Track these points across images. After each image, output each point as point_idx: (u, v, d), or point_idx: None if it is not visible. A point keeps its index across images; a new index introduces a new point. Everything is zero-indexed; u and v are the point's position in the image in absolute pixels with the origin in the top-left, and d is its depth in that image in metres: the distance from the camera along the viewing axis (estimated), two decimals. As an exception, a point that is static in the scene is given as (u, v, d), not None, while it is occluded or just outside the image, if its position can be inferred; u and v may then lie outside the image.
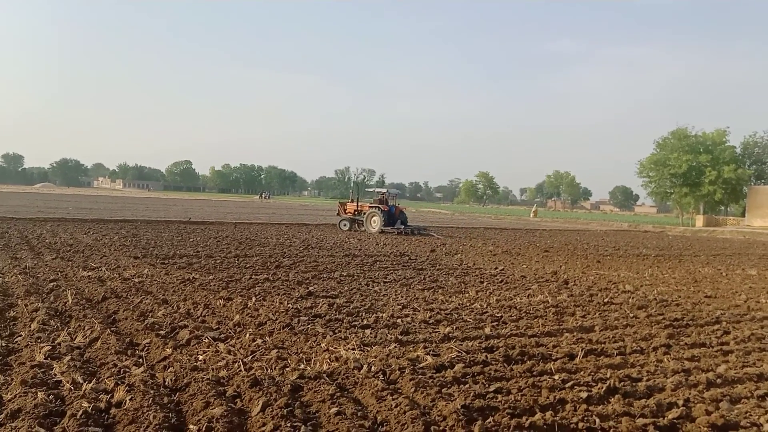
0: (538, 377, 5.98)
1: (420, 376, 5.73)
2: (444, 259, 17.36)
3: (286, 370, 5.85)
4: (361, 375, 5.72)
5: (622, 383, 5.80)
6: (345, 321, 8.21)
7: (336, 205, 32.75)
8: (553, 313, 9.44)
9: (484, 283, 12.64)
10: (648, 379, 6.05)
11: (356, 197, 31.39)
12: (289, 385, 5.35)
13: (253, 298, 9.50)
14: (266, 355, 6.34)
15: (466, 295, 10.88)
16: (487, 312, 9.31)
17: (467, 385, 5.61)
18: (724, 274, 16.58)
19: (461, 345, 7.09)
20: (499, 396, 5.37)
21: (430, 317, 8.68)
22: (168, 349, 6.42)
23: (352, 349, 6.63)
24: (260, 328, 7.56)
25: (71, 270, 11.82)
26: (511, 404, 5.14)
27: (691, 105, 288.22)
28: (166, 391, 5.19)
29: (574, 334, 8.04)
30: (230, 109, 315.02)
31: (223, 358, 6.15)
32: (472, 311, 9.35)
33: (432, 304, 9.90)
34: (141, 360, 6.08)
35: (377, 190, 32.28)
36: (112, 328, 7.32)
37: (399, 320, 8.38)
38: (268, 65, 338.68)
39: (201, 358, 6.21)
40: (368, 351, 6.66)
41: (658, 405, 5.27)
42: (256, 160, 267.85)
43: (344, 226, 29.19)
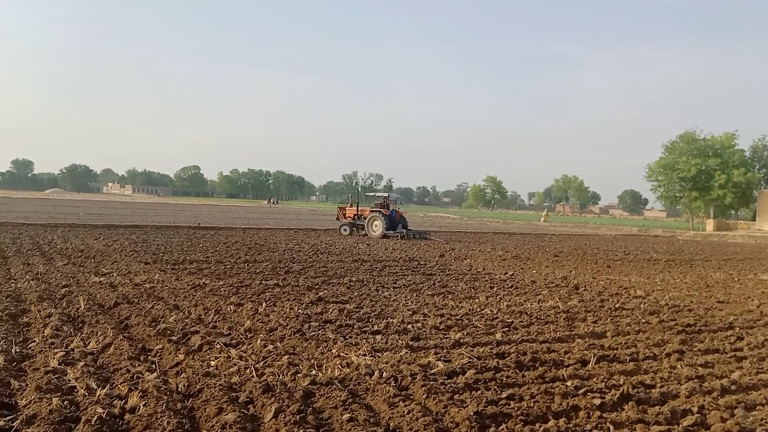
0: (551, 384, 5.95)
1: (432, 383, 5.72)
2: (453, 265, 17.33)
3: (298, 376, 5.86)
4: (373, 381, 5.71)
5: (636, 390, 5.76)
6: (355, 327, 8.21)
7: (336, 210, 32.76)
8: (564, 319, 9.40)
9: (494, 289, 12.61)
10: (662, 386, 6.01)
11: (356, 201, 31.45)
12: (301, 391, 5.36)
13: (264, 304, 9.52)
14: (278, 361, 6.34)
15: (477, 301, 10.85)
16: (497, 317, 9.29)
17: (479, 392, 5.60)
18: (736, 279, 16.47)
19: (472, 351, 7.08)
20: (512, 402, 5.35)
21: (440, 323, 8.66)
22: (180, 355, 6.44)
23: (363, 355, 6.62)
24: (271, 334, 7.57)
25: (83, 276, 11.88)
26: (524, 411, 5.12)
27: (699, 108, 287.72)
28: (179, 397, 5.21)
29: (586, 339, 8.00)
30: (238, 113, 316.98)
31: (235, 364, 6.16)
32: (483, 317, 9.33)
33: (442, 309, 9.89)
34: (154, 366, 6.10)
35: (378, 194, 32.30)
36: (125, 334, 7.35)
37: (409, 326, 8.37)
38: (274, 68, 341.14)
39: (213, 363, 6.22)
40: (379, 357, 6.65)
41: (672, 412, 5.23)
42: (264, 165, 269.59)
43: (344, 230, 29.22)
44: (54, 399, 4.87)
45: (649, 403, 5.50)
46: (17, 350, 6.45)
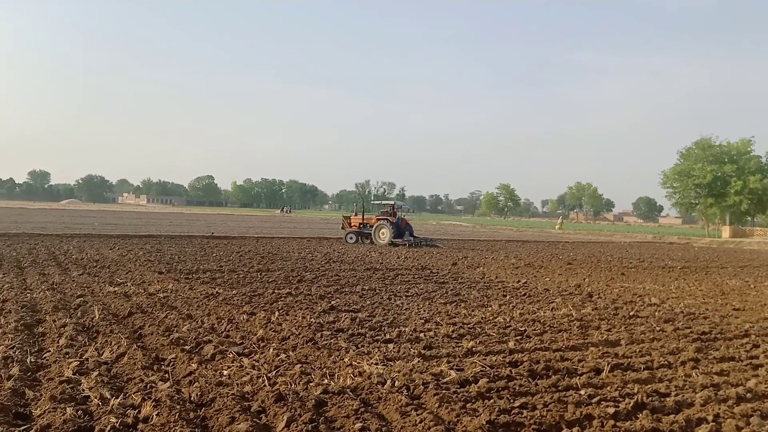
0: (564, 392, 5.91)
1: (444, 391, 5.70)
2: (466, 273, 17.29)
3: (310, 385, 5.86)
4: (385, 390, 5.71)
5: (650, 398, 5.71)
6: (368, 335, 8.21)
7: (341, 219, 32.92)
8: (578, 327, 9.34)
9: (507, 297, 12.56)
10: (676, 394, 5.95)
11: (362, 210, 31.58)
12: (314, 400, 5.36)
13: (276, 313, 9.55)
14: (290, 370, 6.35)
15: (489, 309, 10.81)
16: (510, 326, 9.25)
17: (492, 401, 5.57)
18: (752, 286, 16.28)
19: (485, 359, 7.05)
20: (525, 411, 5.31)
21: (453, 331, 8.64)
22: (193, 364, 6.47)
23: (376, 364, 6.62)
24: (284, 343, 7.59)
25: (98, 285, 11.99)
26: (537, 420, 5.09)
27: (715, 114, 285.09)
28: (192, 407, 5.23)
29: (600, 348, 7.94)
30: (251, 123, 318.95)
31: (248, 373, 6.18)
32: (496, 325, 9.29)
33: (455, 318, 9.86)
34: (167, 375, 6.14)
35: (384, 202, 32.38)
36: (139, 344, 7.40)
37: (422, 334, 8.36)
38: (288, 78, 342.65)
39: (226, 373, 6.24)
40: (391, 366, 6.65)
41: (687, 421, 5.18)
42: (277, 175, 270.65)
43: (350, 239, 29.31)
44: (68, 409, 4.91)
45: (664, 411, 5.45)
46: (32, 360, 6.50)
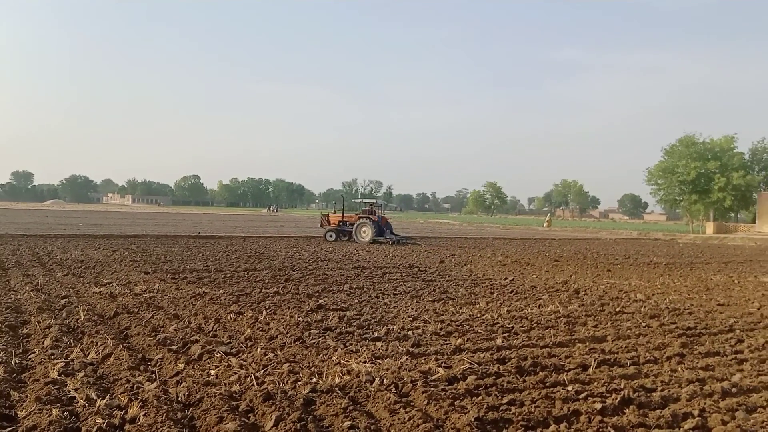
0: (552, 388, 5.95)
1: (432, 389, 5.71)
2: (454, 270, 17.33)
3: (298, 383, 5.85)
4: (374, 388, 5.71)
5: (637, 394, 5.76)
6: (356, 334, 8.20)
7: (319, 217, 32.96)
8: (565, 324, 9.39)
9: (495, 294, 12.60)
10: (662, 390, 6.00)
11: (342, 208, 31.65)
12: (302, 399, 5.35)
13: (264, 312, 9.51)
14: (278, 369, 6.33)
15: (477, 306, 10.84)
16: (498, 323, 9.28)
17: (480, 397, 5.59)
18: (737, 282, 16.46)
19: (473, 356, 7.07)
20: (513, 408, 5.33)
21: (441, 329, 8.65)
22: (180, 365, 6.43)
23: (364, 362, 6.61)
24: (271, 342, 7.56)
25: (83, 286, 11.88)
26: (525, 416, 5.11)
27: (699, 111, 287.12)
28: (180, 407, 5.20)
29: (587, 344, 7.99)
30: (237, 122, 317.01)
31: (236, 373, 6.15)
32: (483, 322, 9.32)
33: (443, 315, 9.88)
34: (154, 375, 6.10)
35: (364, 200, 32.44)
36: (125, 344, 7.34)
37: (410, 332, 8.36)
38: (274, 77, 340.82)
39: (213, 372, 6.21)
40: (380, 364, 6.65)
41: (673, 415, 5.22)
42: (264, 174, 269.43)
43: (330, 237, 29.33)
44: (54, 410, 4.87)
45: (650, 406, 5.49)
46: (17, 361, 6.44)
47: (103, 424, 4.65)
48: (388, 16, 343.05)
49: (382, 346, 7.52)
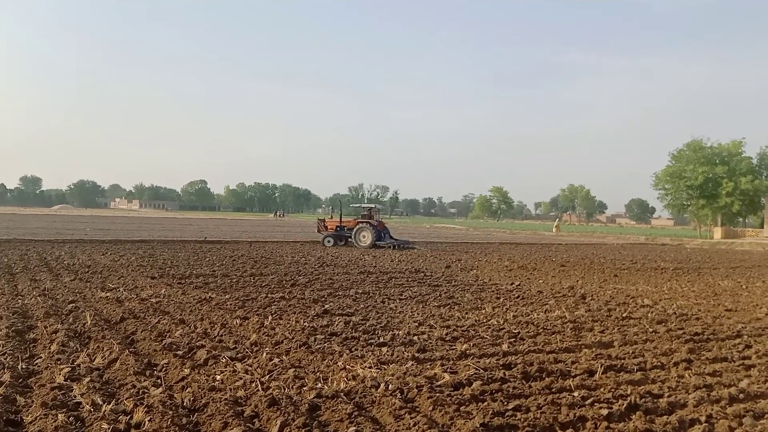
0: (558, 394, 5.92)
1: (438, 394, 5.69)
2: (459, 275, 17.29)
3: (304, 389, 5.84)
4: (379, 393, 5.70)
5: (643, 400, 5.72)
6: (361, 339, 8.19)
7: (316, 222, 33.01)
8: (571, 329, 9.35)
9: (501, 299, 12.57)
10: (669, 395, 5.96)
11: (339, 213, 31.68)
12: (307, 405, 5.34)
13: (270, 317, 9.52)
14: (283, 375, 6.33)
15: (483, 312, 10.82)
16: (504, 328, 9.25)
17: (486, 403, 5.56)
18: (744, 287, 16.35)
19: (479, 362, 7.05)
20: (518, 414, 5.31)
21: (446, 334, 8.64)
22: (186, 370, 6.44)
23: (369, 368, 6.61)
24: (277, 347, 7.57)
25: (89, 291, 11.93)
26: (531, 422, 5.09)
27: (705, 115, 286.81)
28: (185, 412, 5.20)
29: (593, 349, 7.96)
30: (245, 127, 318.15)
31: (241, 378, 6.15)
32: (489, 327, 9.29)
33: (448, 320, 9.86)
34: (159, 380, 6.10)
35: (363, 205, 32.54)
36: (131, 349, 7.36)
37: (416, 337, 8.35)
38: (281, 81, 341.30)
39: (219, 377, 6.22)
40: (385, 369, 6.63)
41: (680, 422, 5.19)
42: (271, 179, 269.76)
43: (328, 242, 29.31)
44: (60, 415, 4.88)
45: (657, 412, 5.46)
46: (23, 366, 6.46)
47: (109, 429, 4.67)
48: (388, 17, 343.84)
49: (388, 351, 7.51)
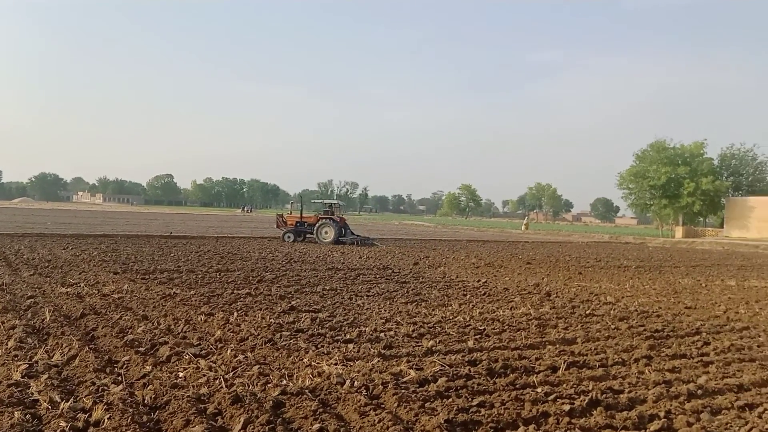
0: (521, 390, 5.99)
1: (403, 391, 5.70)
2: (427, 272, 17.36)
3: (268, 386, 5.80)
4: (344, 390, 5.68)
5: (605, 395, 5.82)
6: (328, 335, 8.16)
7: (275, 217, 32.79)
8: (536, 326, 9.47)
9: (467, 296, 12.66)
10: (630, 391, 6.08)
11: (300, 209, 31.63)
12: (271, 402, 5.30)
13: (235, 314, 9.42)
14: (248, 372, 6.27)
15: (450, 308, 10.88)
16: (470, 325, 9.32)
17: (450, 399, 5.60)
18: (704, 285, 16.77)
19: (444, 359, 7.08)
20: (483, 410, 5.36)
21: (413, 331, 8.66)
22: (148, 367, 6.33)
23: (335, 364, 6.58)
24: (242, 344, 7.49)
25: (49, 286, 11.64)
26: (495, 418, 5.14)
27: (671, 115, 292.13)
28: (146, 410, 5.12)
29: (557, 346, 8.07)
30: (212, 121, 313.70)
31: (204, 375, 6.07)
32: (456, 324, 9.35)
33: (415, 317, 9.89)
34: (120, 378, 5.99)
35: (325, 201, 32.45)
36: (91, 346, 7.21)
37: (382, 334, 8.35)
38: (250, 77, 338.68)
39: (181, 375, 6.13)
40: (351, 366, 6.62)
41: (639, 417, 5.29)
42: (238, 174, 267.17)
43: (288, 238, 29.19)
44: (16, 413, 4.76)
45: (618, 408, 5.56)
46: (-22, 363, 6.28)
47: (67, 427, 4.56)
48: (361, 16, 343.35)
49: (354, 348, 7.50)
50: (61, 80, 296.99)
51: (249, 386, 5.75)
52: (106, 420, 4.70)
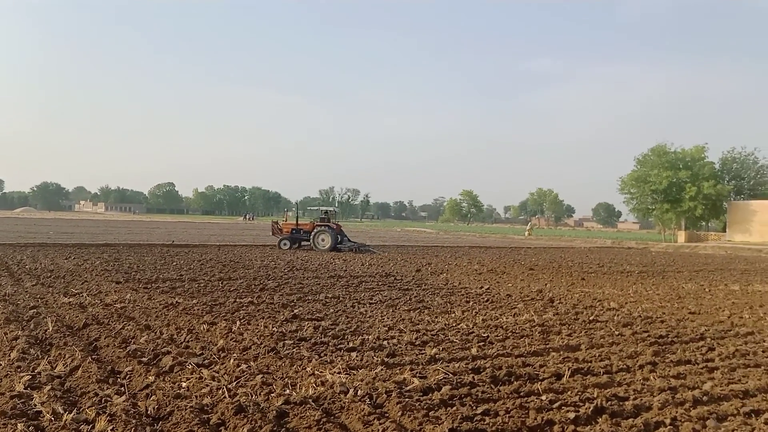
0: (526, 398, 5.96)
1: (407, 400, 5.68)
2: (430, 279, 17.34)
3: (272, 395, 5.78)
4: (348, 399, 5.66)
5: (609, 402, 5.79)
6: (331, 344, 8.14)
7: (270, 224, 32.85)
8: (539, 332, 9.44)
9: (470, 303, 12.63)
10: (635, 398, 6.05)
11: (296, 216, 31.78)
12: (275, 411, 5.28)
13: (238, 322, 9.40)
14: (251, 381, 6.26)
15: (453, 316, 10.85)
16: (473, 332, 9.29)
17: (454, 408, 5.57)
18: (708, 290, 16.72)
19: (448, 366, 7.06)
20: (487, 418, 5.33)
21: (416, 338, 8.63)
22: (150, 377, 6.31)
23: (338, 373, 6.56)
24: (245, 353, 7.47)
25: (52, 296, 11.64)
26: (499, 426, 5.11)
27: (671, 122, 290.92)
28: (149, 421, 5.10)
29: (561, 353, 8.04)
30: (213, 130, 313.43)
31: (207, 385, 6.06)
32: (459, 331, 9.32)
33: (418, 325, 9.87)
34: (123, 388, 5.97)
35: (321, 208, 32.54)
36: (94, 356, 7.19)
37: (385, 342, 8.33)
38: (251, 84, 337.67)
39: (184, 385, 6.11)
40: (354, 374, 6.60)
41: (645, 424, 5.26)
42: (240, 182, 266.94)
43: (284, 245, 29.23)
44: (19, 425, 4.74)
45: (623, 415, 5.53)
46: (-19, 375, 6.26)
47: (69, 439, 4.54)
48: (362, 23, 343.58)
49: (357, 356, 7.48)
50: (62, 90, 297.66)
51: (252, 396, 5.73)
52: (109, 431, 4.68)
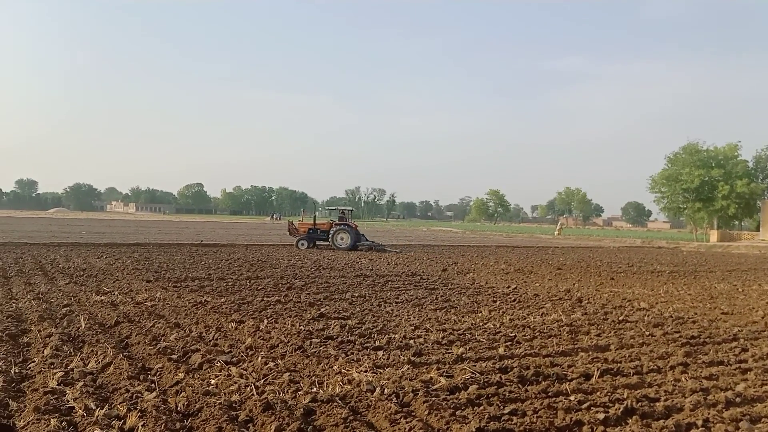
0: (554, 398, 5.90)
1: (434, 399, 5.67)
2: (456, 279, 17.28)
3: (299, 393, 5.81)
4: (374, 398, 5.67)
5: (640, 404, 5.70)
6: (357, 343, 8.16)
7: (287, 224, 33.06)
8: (568, 332, 9.33)
9: (497, 303, 12.55)
10: (666, 399, 5.94)
11: (313, 216, 32.01)
12: (302, 409, 5.31)
13: (265, 321, 9.48)
14: (278, 379, 6.30)
15: (479, 315, 10.80)
16: (500, 332, 9.23)
17: (482, 407, 5.54)
18: (741, 290, 16.37)
19: (475, 366, 7.02)
20: (515, 418, 5.29)
21: (443, 338, 8.61)
22: (180, 374, 6.40)
23: (365, 372, 6.57)
24: (272, 351, 7.53)
25: (84, 295, 11.87)
26: (527, 426, 5.07)
27: (701, 119, 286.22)
28: (179, 417, 5.17)
29: (589, 353, 7.94)
30: (241, 130, 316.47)
31: (236, 382, 6.12)
32: (486, 331, 9.27)
33: (445, 324, 9.84)
34: (153, 385, 6.06)
35: (338, 208, 32.66)
36: (125, 353, 7.32)
37: (412, 341, 8.32)
38: (277, 86, 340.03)
39: (213, 382, 6.18)
40: (381, 373, 6.61)
41: (677, 426, 5.17)
42: (267, 182, 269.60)
43: (302, 245, 29.30)
44: (52, 420, 4.84)
45: (654, 416, 5.44)
46: (16, 371, 6.42)
47: (102, 434, 4.62)
48: (385, 25, 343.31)
49: (384, 355, 7.48)
50: (95, 92, 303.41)
51: (279, 393, 5.77)
52: (140, 427, 4.75)
